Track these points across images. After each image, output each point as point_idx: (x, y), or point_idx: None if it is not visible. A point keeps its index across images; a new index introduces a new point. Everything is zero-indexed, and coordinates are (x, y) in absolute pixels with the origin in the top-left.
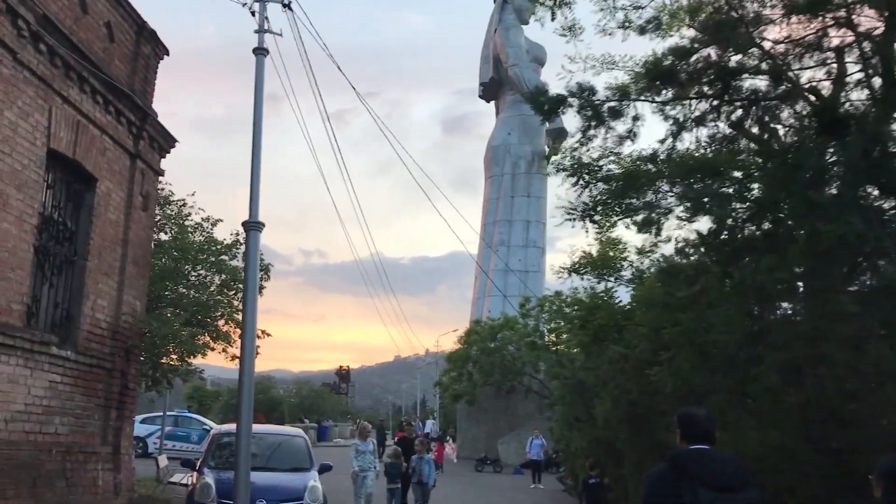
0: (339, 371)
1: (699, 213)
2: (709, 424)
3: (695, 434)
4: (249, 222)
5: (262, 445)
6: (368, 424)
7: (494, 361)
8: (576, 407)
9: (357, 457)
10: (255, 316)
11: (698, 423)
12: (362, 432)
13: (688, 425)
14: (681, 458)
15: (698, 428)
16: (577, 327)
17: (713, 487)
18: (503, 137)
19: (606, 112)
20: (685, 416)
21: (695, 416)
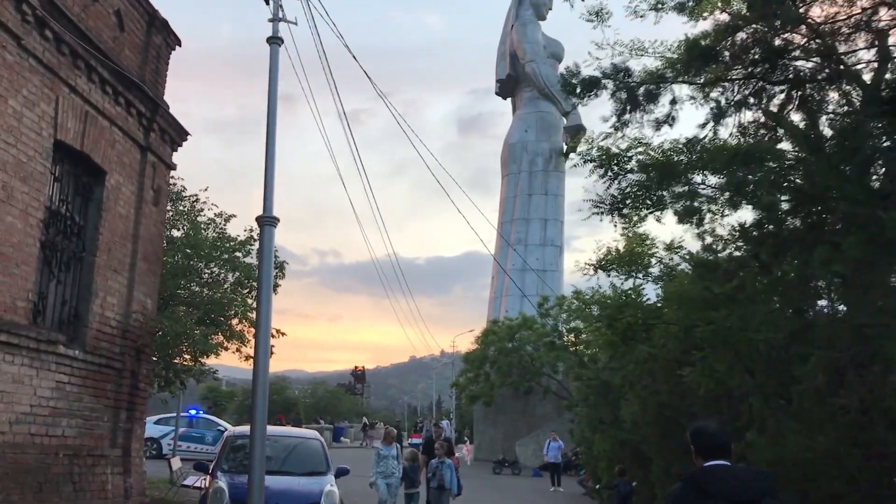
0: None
1: (742, 202)
2: (723, 438)
3: (710, 449)
4: (264, 217)
5: (277, 448)
6: (394, 430)
7: (512, 362)
8: (600, 408)
9: (379, 462)
10: (269, 314)
11: (713, 436)
12: (387, 437)
13: (702, 440)
14: (699, 476)
15: (713, 442)
16: (605, 326)
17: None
18: (520, 135)
19: (642, 95)
20: (698, 430)
21: (708, 429)
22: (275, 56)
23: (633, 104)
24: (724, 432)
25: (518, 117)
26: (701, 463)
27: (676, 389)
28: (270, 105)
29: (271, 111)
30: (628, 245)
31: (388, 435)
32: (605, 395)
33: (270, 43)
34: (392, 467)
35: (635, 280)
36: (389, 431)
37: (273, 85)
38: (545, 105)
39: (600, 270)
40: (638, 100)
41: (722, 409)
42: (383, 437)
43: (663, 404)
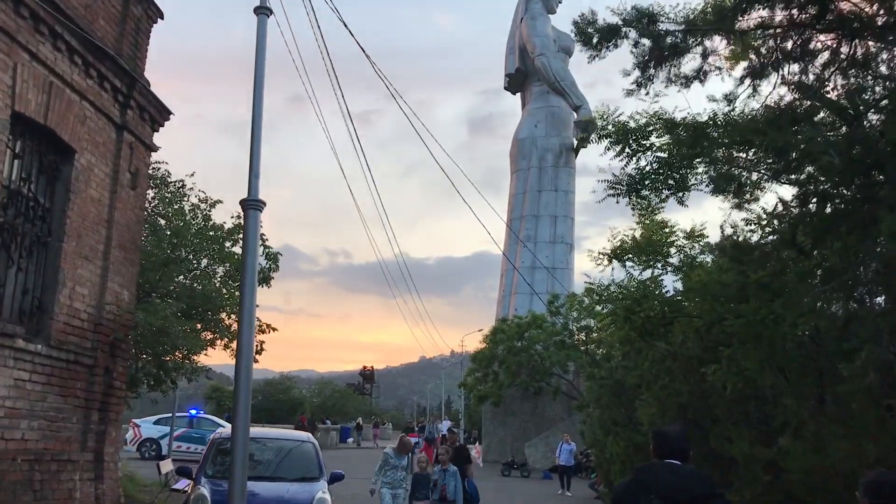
0: (363, 371)
1: (787, 172)
2: (681, 443)
3: (665, 451)
4: (248, 200)
5: (267, 452)
6: (410, 440)
7: (521, 361)
8: (613, 409)
9: (386, 470)
10: (253, 306)
11: (671, 440)
12: (402, 446)
13: (661, 442)
14: (643, 471)
15: (670, 445)
16: (621, 320)
17: (670, 501)
18: (530, 130)
19: (668, 46)
20: (659, 433)
21: (668, 433)
22: (262, 27)
23: (658, 56)
24: (684, 438)
25: (527, 112)
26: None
27: (698, 390)
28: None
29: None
30: (646, 232)
31: (403, 444)
32: (619, 395)
33: (258, 13)
34: (401, 479)
35: (654, 270)
36: (405, 441)
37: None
38: (555, 100)
39: (615, 260)
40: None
41: (749, 411)
42: (398, 445)
43: (684, 406)
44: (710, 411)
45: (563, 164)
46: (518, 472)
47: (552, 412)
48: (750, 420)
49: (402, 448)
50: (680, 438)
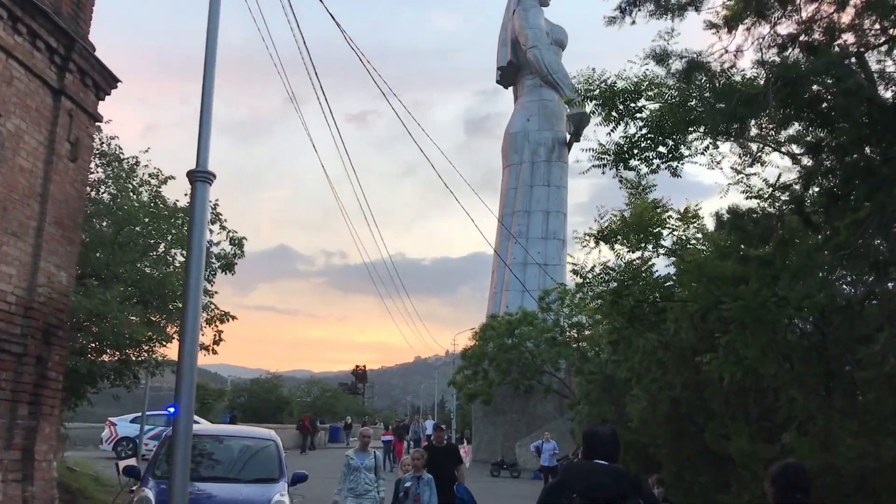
0: (356, 371)
1: (800, 111)
2: (610, 444)
3: (594, 452)
4: (197, 172)
5: (225, 451)
6: (370, 430)
7: (512, 359)
8: (602, 406)
9: (349, 475)
10: (199, 288)
11: (600, 442)
12: (362, 442)
13: (590, 443)
14: (566, 470)
15: (599, 446)
16: (608, 305)
17: (588, 499)
18: (522, 124)
19: None
20: (589, 433)
21: (598, 435)
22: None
23: None
24: (614, 440)
25: (520, 106)
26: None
27: (692, 382)
28: (210, 34)
29: (210, 49)
30: (636, 210)
31: (361, 439)
32: (609, 390)
33: None
34: (367, 483)
35: (644, 253)
36: (364, 434)
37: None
38: (548, 93)
39: (602, 243)
40: None
41: (748, 405)
42: (359, 441)
43: (677, 400)
44: (705, 405)
45: (555, 158)
46: (508, 472)
47: (543, 411)
48: (749, 415)
49: (361, 444)
50: (609, 440)
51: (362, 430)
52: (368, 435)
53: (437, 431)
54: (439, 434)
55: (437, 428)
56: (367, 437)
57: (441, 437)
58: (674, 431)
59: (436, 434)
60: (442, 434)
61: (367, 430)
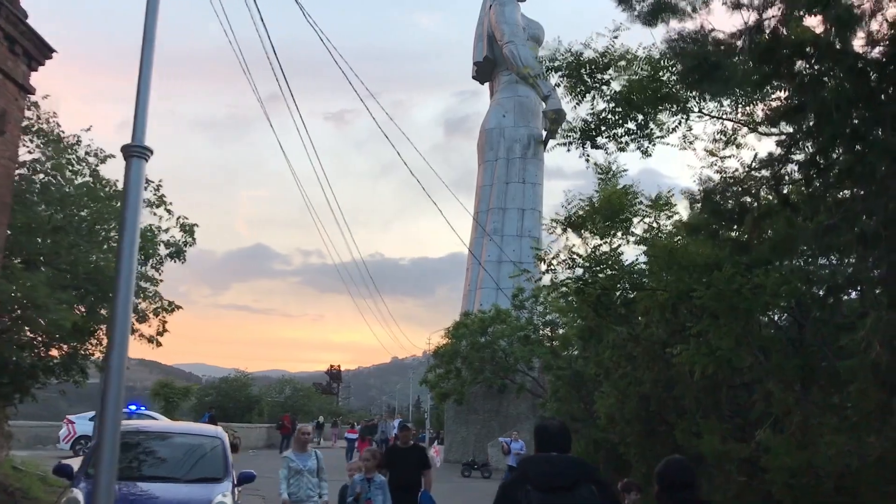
0: (330, 370)
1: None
2: (560, 435)
3: (546, 444)
4: (132, 147)
5: (167, 449)
6: (309, 427)
7: (485, 357)
8: (571, 403)
9: (291, 478)
10: (132, 272)
11: (550, 434)
12: (300, 441)
13: (540, 437)
14: (523, 463)
15: (550, 439)
16: (573, 292)
17: (544, 489)
18: (497, 120)
19: None
20: (540, 428)
21: (548, 427)
22: None
23: None
24: (564, 432)
25: (495, 102)
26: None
27: (663, 378)
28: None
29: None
30: (605, 195)
31: (300, 438)
32: (578, 387)
33: None
34: (310, 488)
35: (612, 241)
36: (302, 432)
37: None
38: (524, 89)
39: (570, 229)
40: None
41: (720, 400)
42: (295, 441)
43: (646, 396)
44: (675, 402)
45: (531, 155)
46: (479, 472)
47: (516, 410)
48: (721, 412)
49: (299, 443)
50: (559, 432)
51: (300, 428)
52: (307, 432)
53: (403, 431)
54: (405, 434)
55: (403, 427)
56: (306, 434)
57: (407, 437)
58: (643, 429)
59: (401, 434)
60: (408, 434)
61: (306, 427)
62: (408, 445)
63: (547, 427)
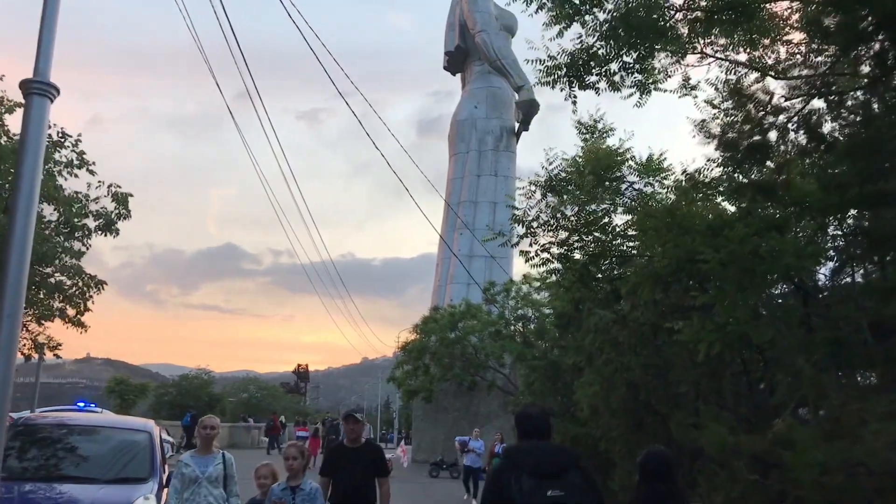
0: (297, 370)
1: None
2: (542, 422)
3: (528, 432)
4: (33, 82)
5: (88, 444)
6: (216, 420)
7: (455, 353)
8: (547, 397)
9: (185, 489)
10: (27, 239)
11: (533, 421)
12: (202, 437)
13: (523, 424)
14: (511, 451)
15: (532, 426)
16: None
17: (535, 475)
18: (469, 111)
19: None
20: (521, 415)
21: (530, 415)
22: None
23: None
24: (545, 417)
25: (467, 93)
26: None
27: (654, 362)
28: None
29: None
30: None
31: (202, 434)
32: (554, 379)
33: None
34: (209, 499)
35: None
36: (206, 426)
37: None
38: (496, 80)
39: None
40: None
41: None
42: (200, 441)
43: (635, 384)
44: (670, 391)
45: (503, 147)
46: (447, 472)
47: (487, 409)
48: (724, 400)
49: (202, 442)
50: (541, 419)
51: (202, 421)
52: (212, 426)
53: (350, 423)
54: (353, 427)
55: (349, 418)
56: (210, 429)
57: (356, 432)
58: (630, 422)
59: (347, 427)
60: (358, 428)
61: (210, 419)
62: (357, 444)
63: (530, 415)
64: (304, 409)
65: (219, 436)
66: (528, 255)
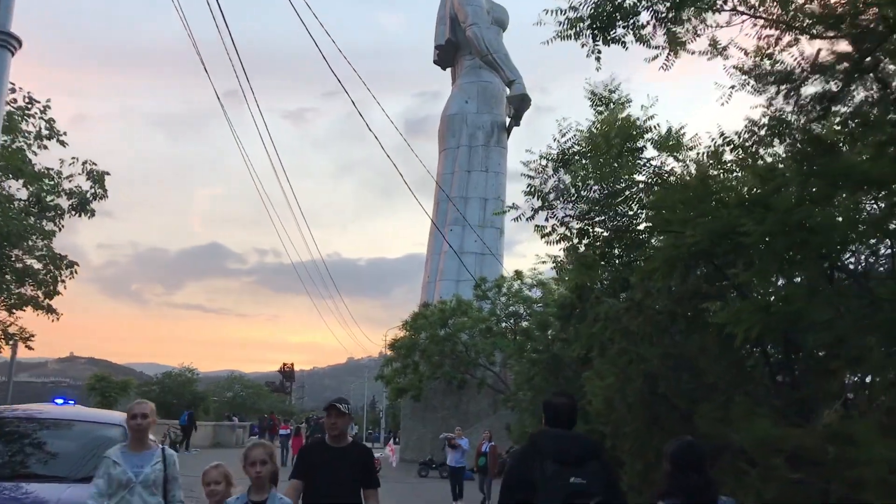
0: (283, 369)
1: None
2: (569, 413)
3: (556, 420)
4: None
5: (59, 440)
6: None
7: (444, 350)
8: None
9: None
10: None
11: (560, 411)
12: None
13: (551, 413)
14: (536, 436)
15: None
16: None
17: (559, 462)
18: (460, 106)
19: None
20: (548, 404)
21: (558, 405)
22: None
23: None
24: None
25: (458, 87)
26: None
27: (673, 352)
28: None
29: None
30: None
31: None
32: (556, 373)
33: None
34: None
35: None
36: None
37: None
38: (487, 74)
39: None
40: None
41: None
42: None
43: (653, 375)
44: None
45: (494, 143)
46: (437, 471)
47: (477, 407)
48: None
49: (134, 435)
50: (569, 409)
51: (131, 408)
52: (143, 414)
53: (332, 415)
54: (336, 422)
55: (331, 408)
56: (142, 417)
57: (339, 427)
58: (646, 417)
59: (329, 421)
60: (341, 422)
61: (140, 406)
62: (342, 443)
63: (557, 406)
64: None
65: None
66: (543, 231)
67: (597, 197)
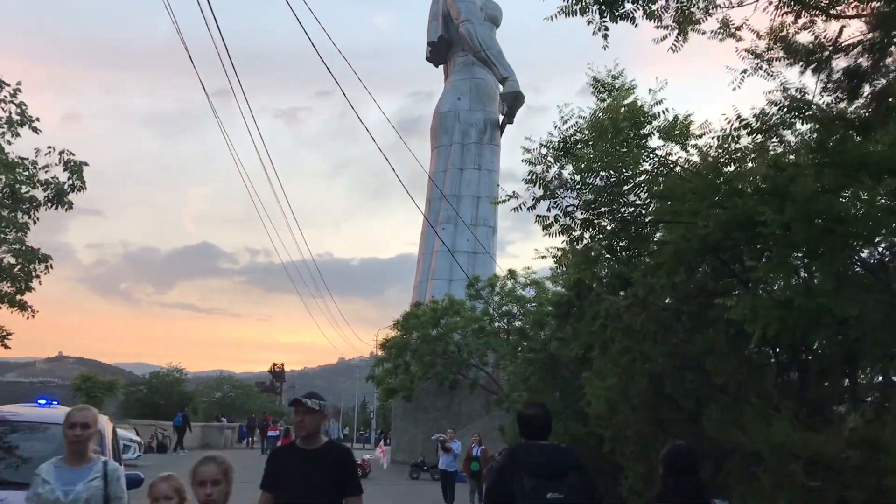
0: (273, 370)
1: None
2: (544, 422)
3: (532, 432)
4: None
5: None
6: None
7: (436, 351)
8: (545, 393)
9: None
10: None
11: (536, 422)
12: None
13: (526, 425)
14: (513, 451)
15: (535, 427)
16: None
17: (536, 475)
18: (452, 103)
19: None
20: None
21: (533, 416)
22: None
23: None
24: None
25: (450, 84)
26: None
27: (678, 352)
28: None
29: None
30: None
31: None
32: (553, 374)
33: None
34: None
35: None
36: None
37: None
38: (480, 72)
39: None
40: None
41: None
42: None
43: (658, 375)
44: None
45: (487, 140)
46: (428, 473)
47: (469, 408)
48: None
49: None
50: (543, 420)
51: (71, 415)
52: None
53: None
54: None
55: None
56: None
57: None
58: (652, 418)
59: (297, 420)
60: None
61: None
62: (315, 445)
63: (533, 417)
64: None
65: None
66: (545, 221)
67: (602, 185)
